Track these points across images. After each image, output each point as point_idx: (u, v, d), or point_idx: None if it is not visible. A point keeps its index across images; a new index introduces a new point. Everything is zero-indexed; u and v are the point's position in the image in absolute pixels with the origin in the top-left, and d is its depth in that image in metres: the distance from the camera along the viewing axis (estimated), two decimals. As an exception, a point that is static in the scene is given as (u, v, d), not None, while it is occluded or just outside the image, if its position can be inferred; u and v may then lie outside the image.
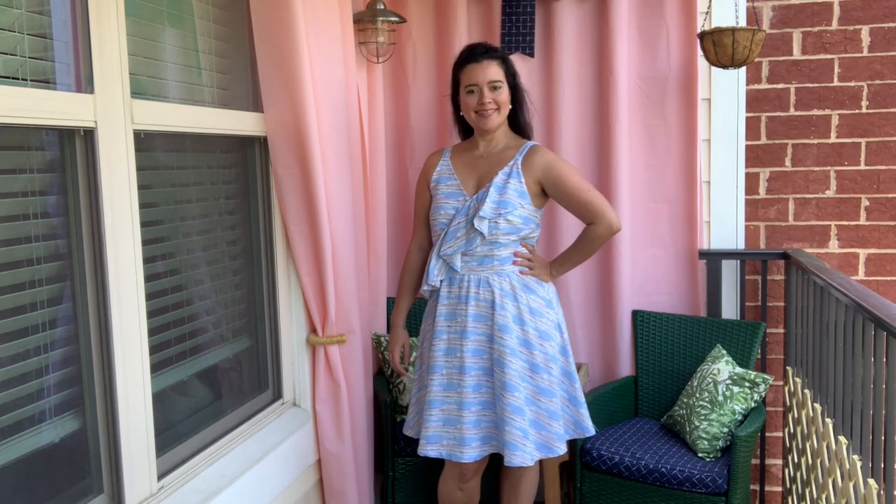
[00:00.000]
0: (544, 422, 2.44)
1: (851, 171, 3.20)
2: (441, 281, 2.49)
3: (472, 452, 2.43)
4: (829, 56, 3.17)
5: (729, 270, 3.21)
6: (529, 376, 2.43)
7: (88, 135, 1.81)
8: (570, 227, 3.18)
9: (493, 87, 2.42)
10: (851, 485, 2.10)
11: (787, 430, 3.13)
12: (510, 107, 2.49)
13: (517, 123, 2.55)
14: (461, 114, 2.53)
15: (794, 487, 2.98)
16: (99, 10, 1.81)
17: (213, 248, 2.42)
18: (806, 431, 2.73)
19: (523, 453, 2.39)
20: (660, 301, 3.22)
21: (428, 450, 2.46)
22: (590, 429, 2.53)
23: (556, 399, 2.46)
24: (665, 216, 3.19)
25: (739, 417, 2.76)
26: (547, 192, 2.48)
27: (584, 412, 2.53)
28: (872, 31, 3.13)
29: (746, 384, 2.78)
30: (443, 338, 2.47)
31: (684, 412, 2.87)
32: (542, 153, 2.48)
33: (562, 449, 2.45)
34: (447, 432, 2.46)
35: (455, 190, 2.50)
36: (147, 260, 2.01)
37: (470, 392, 2.43)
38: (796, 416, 2.91)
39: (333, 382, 2.71)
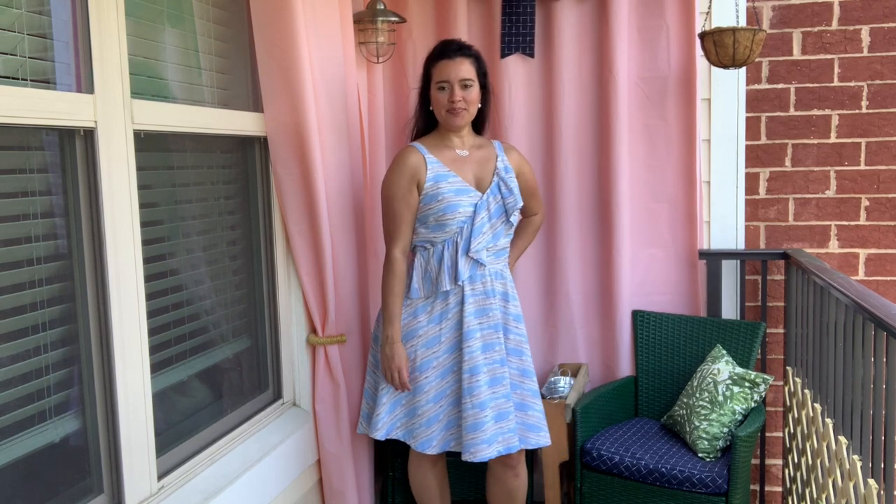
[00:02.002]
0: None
1: (851, 171, 3.20)
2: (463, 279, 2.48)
3: (517, 439, 2.49)
4: (829, 56, 3.17)
5: (729, 270, 3.21)
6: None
7: (88, 135, 1.81)
8: (571, 229, 3.19)
9: (465, 86, 2.46)
10: (851, 485, 2.10)
11: (787, 430, 3.13)
12: (479, 105, 2.52)
13: (481, 122, 2.60)
14: (430, 108, 2.54)
15: (794, 487, 2.98)
16: (99, 10, 1.81)
17: (213, 248, 2.42)
18: (806, 431, 2.73)
19: (546, 433, 2.54)
20: (660, 301, 3.22)
21: (490, 452, 2.43)
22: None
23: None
24: (665, 216, 3.19)
25: (739, 417, 2.76)
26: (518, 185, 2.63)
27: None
28: (872, 31, 3.13)
29: (746, 384, 2.78)
30: (476, 336, 2.46)
31: (684, 412, 2.87)
32: (515, 149, 2.71)
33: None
34: (500, 428, 2.46)
35: (462, 186, 2.48)
36: (147, 260, 2.01)
37: (508, 383, 2.50)
38: (796, 416, 2.91)
39: (333, 382, 2.71)
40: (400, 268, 2.50)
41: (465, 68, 2.45)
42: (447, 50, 2.48)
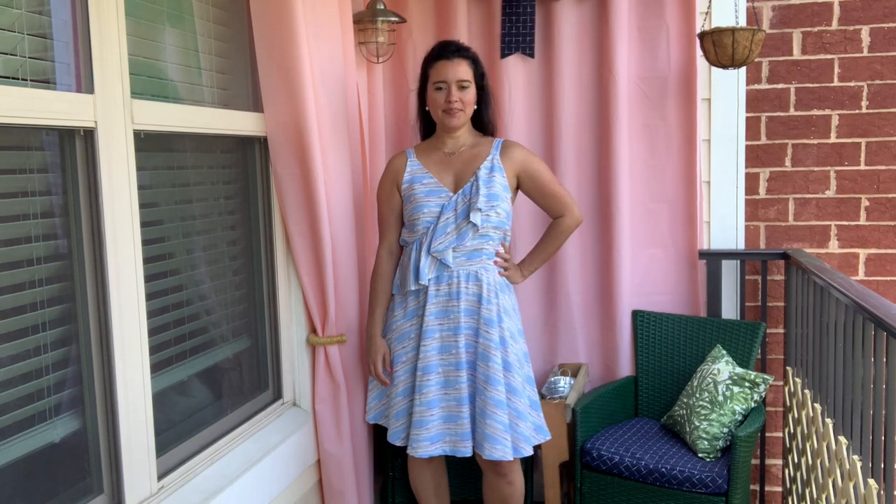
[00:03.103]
0: (514, 422, 2.46)
1: (851, 171, 3.20)
2: (429, 279, 2.49)
3: (470, 445, 2.45)
4: (829, 56, 3.17)
5: (729, 270, 3.21)
6: (503, 374, 2.45)
7: (88, 135, 1.81)
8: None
9: (461, 87, 2.46)
10: (851, 485, 2.10)
11: (787, 430, 3.13)
12: (475, 107, 2.53)
13: (481, 122, 2.60)
14: (426, 109, 2.56)
15: (794, 487, 2.98)
16: (99, 10, 1.81)
17: (213, 248, 2.42)
18: (806, 431, 2.73)
19: (504, 447, 2.41)
20: (660, 301, 3.22)
21: (432, 450, 2.46)
22: (548, 432, 2.56)
23: (524, 399, 2.49)
24: (665, 216, 3.19)
25: (739, 417, 2.76)
26: (522, 185, 2.59)
27: (542, 415, 2.57)
28: (872, 31, 3.13)
29: (746, 384, 2.78)
30: (435, 336, 2.47)
31: (684, 412, 2.87)
32: (518, 147, 2.60)
33: (528, 451, 2.47)
34: (449, 429, 2.47)
35: (434, 188, 2.50)
36: (147, 260, 2.01)
37: (465, 387, 2.45)
38: (796, 416, 2.91)
39: (333, 382, 2.71)
40: (383, 266, 2.60)
41: (462, 69, 2.46)
42: (445, 51, 2.49)
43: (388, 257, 2.60)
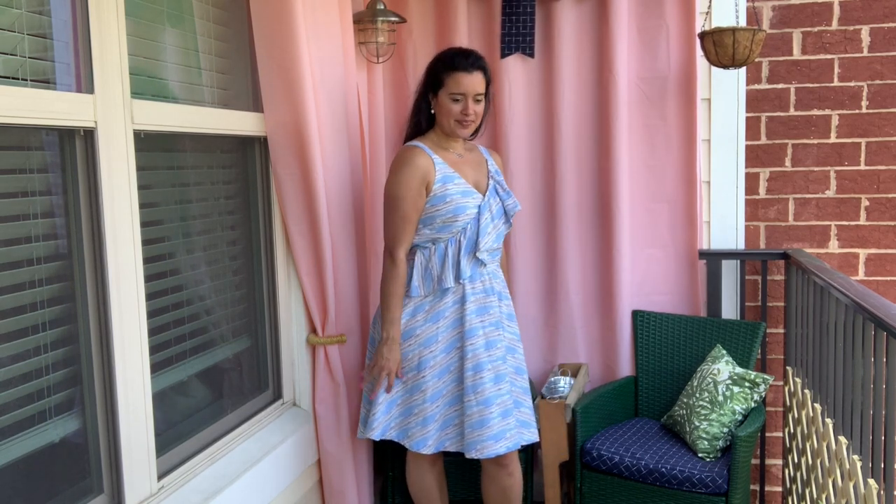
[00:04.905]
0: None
1: (851, 171, 3.20)
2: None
3: (535, 430, 2.61)
4: (829, 56, 3.17)
5: (729, 270, 3.21)
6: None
7: (88, 135, 1.81)
8: (570, 229, 3.19)
9: (477, 100, 2.48)
10: (851, 485, 2.10)
11: (787, 430, 3.13)
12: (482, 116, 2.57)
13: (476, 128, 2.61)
14: (432, 112, 2.53)
15: (794, 487, 2.98)
16: (99, 10, 1.81)
17: (213, 248, 2.42)
18: (806, 431, 2.73)
19: (534, 430, 2.60)
20: (660, 301, 3.22)
21: (498, 448, 2.46)
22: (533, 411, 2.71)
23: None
24: (665, 216, 3.19)
25: (739, 417, 2.76)
26: None
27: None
28: (872, 31, 3.13)
29: (746, 384, 2.79)
30: (479, 334, 2.49)
31: (684, 412, 2.87)
32: (497, 156, 2.76)
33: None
34: (507, 424, 2.49)
35: (465, 188, 2.49)
36: (147, 260, 2.01)
37: (509, 380, 2.55)
38: (796, 416, 2.92)
39: (333, 382, 2.71)
40: (404, 270, 2.49)
41: (479, 82, 2.46)
42: (465, 63, 2.46)
43: (406, 259, 2.51)
